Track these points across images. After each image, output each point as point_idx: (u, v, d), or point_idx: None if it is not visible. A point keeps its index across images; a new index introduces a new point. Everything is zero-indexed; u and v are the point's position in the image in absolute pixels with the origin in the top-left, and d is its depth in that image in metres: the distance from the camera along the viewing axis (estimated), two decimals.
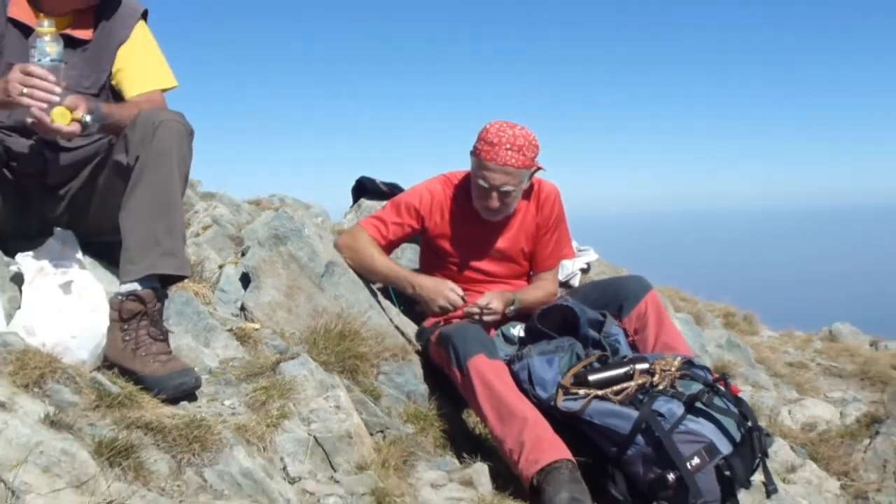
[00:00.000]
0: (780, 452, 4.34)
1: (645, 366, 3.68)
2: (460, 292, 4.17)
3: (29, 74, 3.06)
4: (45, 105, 3.08)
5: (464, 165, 4.42)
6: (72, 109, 3.11)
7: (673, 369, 3.65)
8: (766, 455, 3.66)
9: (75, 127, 3.13)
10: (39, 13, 3.39)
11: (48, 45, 3.13)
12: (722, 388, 3.65)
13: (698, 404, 3.49)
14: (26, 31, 3.42)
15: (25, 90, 3.05)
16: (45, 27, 3.16)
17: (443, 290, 4.18)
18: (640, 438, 3.48)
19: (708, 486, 3.38)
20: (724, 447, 3.42)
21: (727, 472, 3.41)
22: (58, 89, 3.09)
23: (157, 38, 3.74)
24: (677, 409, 3.47)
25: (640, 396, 3.56)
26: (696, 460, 3.38)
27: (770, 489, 3.59)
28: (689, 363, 3.74)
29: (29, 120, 3.12)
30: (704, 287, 8.71)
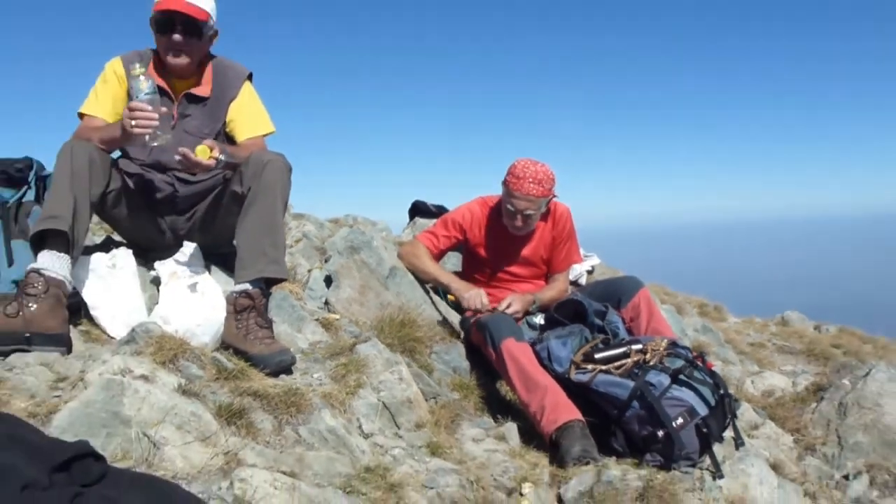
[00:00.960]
0: (745, 414, 4.28)
1: (639, 346, 3.66)
2: (486, 301, 4.17)
3: (132, 109, 3.11)
4: (149, 131, 3.11)
5: (495, 190, 4.42)
6: (211, 149, 3.16)
7: (661, 349, 3.63)
8: (735, 416, 3.65)
9: (212, 162, 3.18)
10: (168, 77, 3.44)
11: (141, 83, 3.16)
12: (700, 363, 3.64)
13: (681, 376, 3.48)
14: (163, 92, 3.47)
15: (133, 122, 3.10)
16: (137, 70, 3.19)
17: (473, 297, 4.19)
18: (635, 403, 3.46)
19: (689, 440, 3.37)
20: (702, 410, 3.40)
21: (705, 430, 3.39)
22: (155, 115, 3.12)
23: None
24: (665, 380, 3.46)
25: (636, 370, 3.55)
26: (679, 420, 3.36)
27: (738, 443, 3.58)
28: (673, 344, 3.72)
29: (177, 157, 3.17)
30: (683, 284, 8.67)
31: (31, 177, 3.44)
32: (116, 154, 3.51)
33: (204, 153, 3.15)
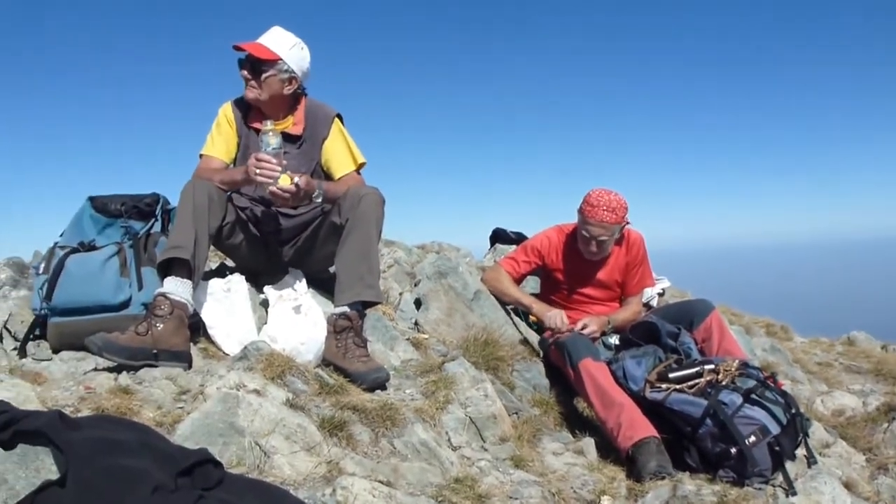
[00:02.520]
0: (816, 433, 4.12)
1: (711, 366, 3.57)
2: (566, 321, 4.13)
3: (259, 160, 3.22)
4: (270, 181, 3.22)
5: (569, 217, 4.41)
6: (291, 177, 3.25)
7: (733, 369, 3.53)
8: (806, 435, 3.51)
9: (292, 187, 3.26)
10: (266, 119, 3.56)
11: (270, 138, 3.27)
12: (771, 383, 3.53)
13: (753, 396, 3.38)
14: (258, 133, 3.57)
15: (258, 171, 3.21)
16: (268, 126, 3.31)
17: (554, 317, 4.15)
18: (709, 421, 3.37)
19: (762, 457, 3.25)
20: (774, 428, 3.30)
21: (777, 448, 3.27)
22: (279, 168, 3.24)
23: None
24: (737, 399, 3.37)
25: (709, 389, 3.46)
26: (752, 438, 3.26)
27: (811, 461, 3.43)
28: (745, 364, 3.62)
29: (269, 189, 3.27)
30: (747, 305, 8.39)
31: (158, 210, 3.57)
32: None
33: (286, 181, 3.25)
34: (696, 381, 3.53)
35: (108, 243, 3.36)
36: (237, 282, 3.54)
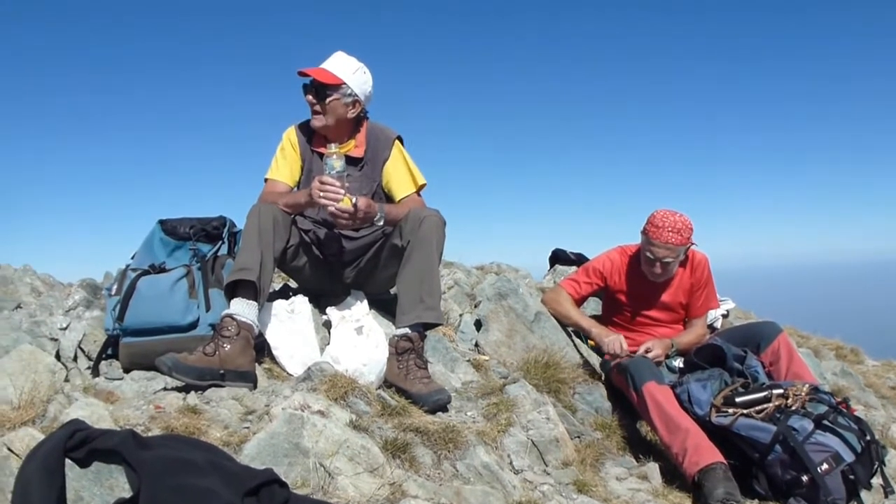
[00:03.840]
0: (893, 461, 3.96)
1: (780, 391, 3.48)
2: (625, 346, 4.06)
3: (323, 183, 3.27)
4: (334, 204, 3.27)
5: (627, 238, 4.40)
6: (351, 198, 3.28)
7: (803, 394, 3.44)
8: (882, 463, 3.40)
9: (351, 207, 3.29)
10: (329, 143, 3.62)
11: (334, 161, 3.31)
12: (843, 409, 3.42)
13: (825, 422, 3.29)
14: (321, 156, 3.61)
15: (321, 193, 3.25)
16: (332, 149, 3.35)
17: (613, 342, 4.09)
18: (778, 447, 3.30)
19: (836, 486, 3.16)
20: (848, 456, 3.20)
21: (851, 476, 3.17)
22: (342, 191, 3.28)
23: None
24: (808, 425, 3.28)
25: (778, 415, 3.38)
26: (824, 466, 3.17)
27: (888, 490, 3.32)
28: (815, 389, 3.53)
29: (329, 209, 3.31)
30: (814, 325, 8.12)
31: (225, 233, 3.66)
32: None
33: (346, 202, 3.29)
34: (765, 405, 3.45)
35: (178, 265, 3.45)
36: (301, 303, 3.58)
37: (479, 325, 4.31)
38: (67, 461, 2.14)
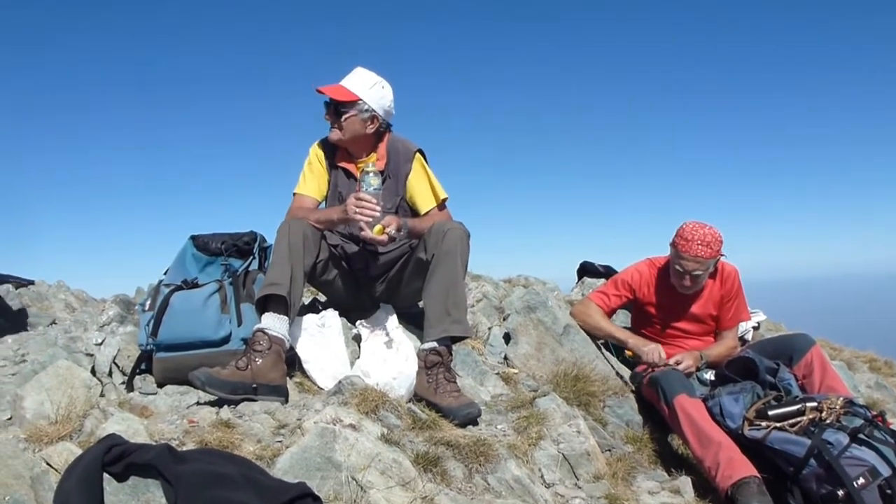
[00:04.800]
0: None
1: (814, 404, 3.43)
2: (664, 355, 4.04)
3: (359, 199, 3.29)
4: (370, 220, 3.29)
5: (654, 250, 4.36)
6: (385, 227, 3.30)
7: (837, 407, 3.39)
8: None
9: (384, 238, 3.34)
10: (353, 158, 3.62)
11: (372, 178, 3.34)
12: (879, 422, 3.36)
13: (861, 436, 3.23)
14: (346, 171, 3.68)
15: (357, 210, 3.28)
16: (370, 167, 3.38)
17: (652, 351, 4.07)
18: (812, 462, 3.25)
19: (873, 501, 3.10)
20: (885, 470, 3.13)
21: (888, 491, 3.10)
22: (378, 209, 3.30)
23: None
24: (843, 439, 3.23)
25: (812, 428, 3.33)
26: (861, 480, 3.11)
27: None
28: (850, 402, 3.46)
29: (362, 234, 3.34)
30: (846, 338, 7.98)
31: (256, 248, 3.70)
32: None
33: (379, 231, 3.32)
34: (798, 419, 3.40)
35: (210, 281, 3.49)
36: (331, 317, 3.61)
37: (507, 338, 4.31)
38: (105, 475, 2.17)
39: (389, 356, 3.47)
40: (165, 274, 3.69)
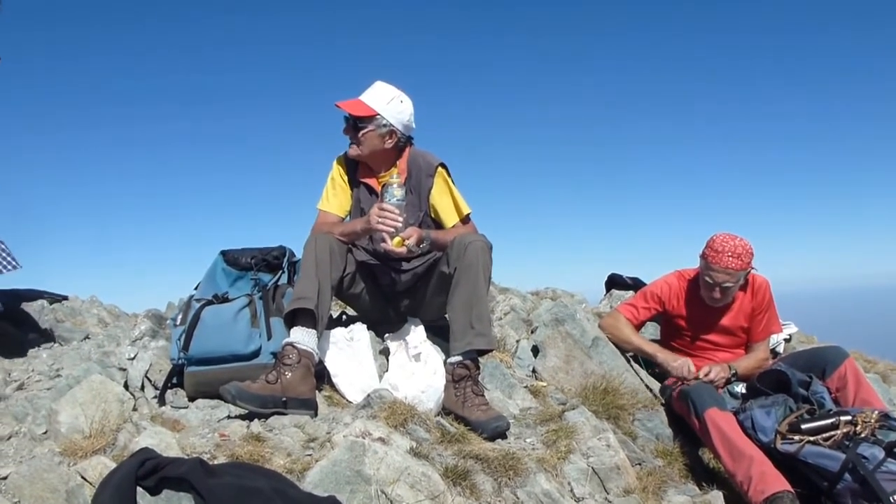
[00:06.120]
0: None
1: (848, 417, 3.38)
2: (693, 369, 4.01)
3: (383, 210, 3.31)
4: (392, 230, 3.31)
5: (682, 263, 4.33)
6: (404, 239, 3.32)
7: (872, 421, 3.33)
8: None
9: (403, 250, 3.37)
10: (374, 173, 3.65)
11: (396, 190, 3.36)
12: None
13: None
14: (367, 187, 3.70)
15: (380, 220, 3.30)
16: (394, 179, 3.41)
17: (681, 366, 4.04)
18: (847, 476, 3.20)
19: None
20: None
21: None
22: (401, 219, 3.33)
23: None
24: (878, 453, 3.18)
25: (846, 442, 3.29)
26: None
27: None
28: (885, 416, 3.40)
29: (382, 245, 3.36)
30: (879, 350, 7.83)
31: (285, 263, 3.74)
32: None
33: (398, 244, 3.35)
34: (832, 433, 3.35)
35: (240, 295, 3.54)
36: (359, 330, 3.62)
37: (535, 350, 4.29)
38: (139, 489, 2.20)
39: (417, 369, 3.48)
40: (196, 289, 3.74)
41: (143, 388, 3.45)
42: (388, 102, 3.57)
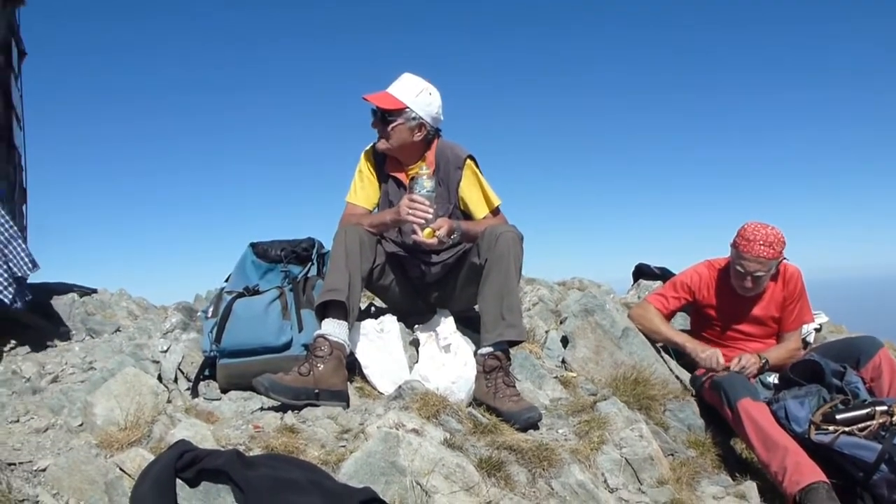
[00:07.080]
0: None
1: (884, 408, 3.34)
2: (722, 360, 3.97)
3: (413, 201, 3.30)
4: (422, 221, 3.30)
5: (707, 253, 4.28)
6: (435, 230, 3.32)
7: None
8: None
9: (434, 241, 3.36)
10: (403, 166, 3.65)
11: (426, 181, 3.34)
12: None
13: None
14: (396, 180, 3.69)
15: (410, 211, 3.29)
16: (423, 170, 3.40)
17: (710, 357, 4.00)
18: (884, 467, 3.16)
19: None
20: None
21: None
22: (431, 211, 3.31)
23: None
24: None
25: (882, 432, 3.25)
26: None
27: None
28: None
29: (413, 236, 3.37)
30: None
31: (314, 255, 3.75)
32: None
33: (429, 235, 3.35)
34: (868, 423, 3.31)
35: (270, 287, 3.55)
36: (390, 322, 3.63)
37: (565, 341, 4.28)
38: (178, 481, 2.22)
39: (448, 360, 3.47)
40: (227, 281, 3.76)
41: (175, 380, 3.48)
42: (417, 95, 3.54)
